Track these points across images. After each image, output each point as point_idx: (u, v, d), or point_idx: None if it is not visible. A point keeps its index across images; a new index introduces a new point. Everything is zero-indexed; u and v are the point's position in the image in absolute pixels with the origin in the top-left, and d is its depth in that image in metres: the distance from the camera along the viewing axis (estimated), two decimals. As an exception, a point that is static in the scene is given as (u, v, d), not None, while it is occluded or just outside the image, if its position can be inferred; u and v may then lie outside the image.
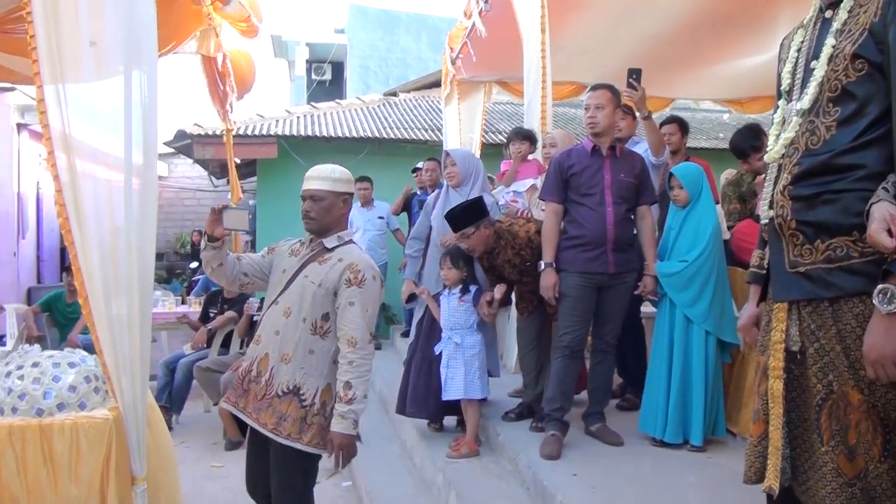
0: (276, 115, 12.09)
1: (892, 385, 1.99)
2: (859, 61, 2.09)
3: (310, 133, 10.96)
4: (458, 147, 8.08)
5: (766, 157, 2.34)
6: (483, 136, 9.29)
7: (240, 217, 3.27)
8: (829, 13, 2.24)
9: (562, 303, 4.45)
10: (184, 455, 4.90)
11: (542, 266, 4.47)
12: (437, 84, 11.14)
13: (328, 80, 20.32)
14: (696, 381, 4.28)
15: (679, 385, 4.30)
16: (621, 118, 4.99)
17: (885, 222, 1.87)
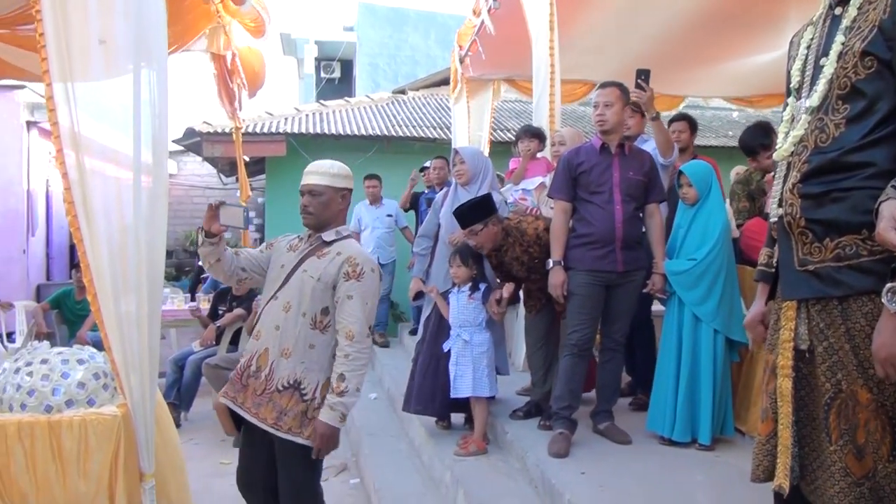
0: (285, 112, 12.11)
1: (901, 384, 1.99)
2: (869, 58, 2.08)
3: (318, 131, 10.96)
4: (467, 145, 8.07)
5: (776, 155, 2.33)
6: (492, 133, 9.29)
7: (235, 213, 3.29)
8: (838, 10, 2.23)
9: (570, 301, 4.44)
10: (192, 452, 4.92)
11: (551, 264, 4.46)
12: (445, 82, 11.16)
13: (337, 77, 20.32)
14: (704, 380, 4.27)
15: (687, 384, 4.29)
16: (630, 116, 4.97)
17: (893, 220, 1.86)
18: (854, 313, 2.08)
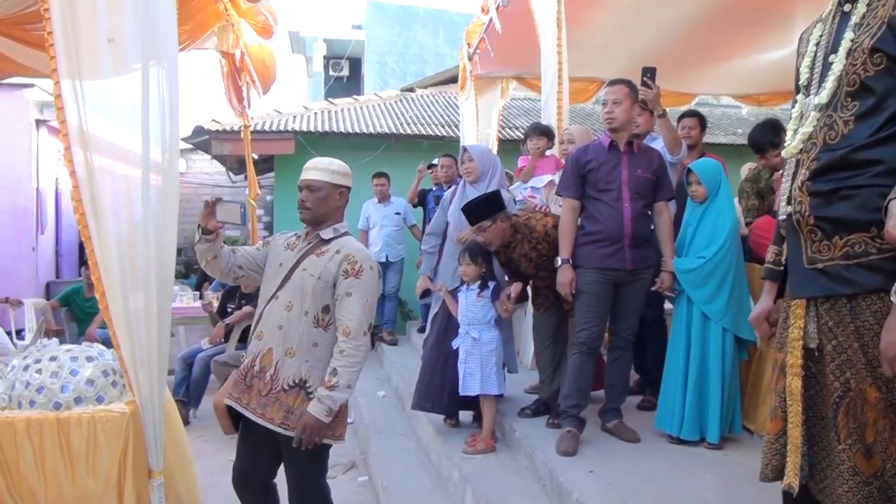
0: (293, 110, 12.11)
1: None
2: (878, 55, 2.07)
3: (327, 129, 10.96)
4: (475, 143, 8.06)
5: (784, 153, 2.32)
6: (500, 131, 9.27)
7: (232, 210, 3.29)
8: (847, 7, 2.22)
9: (578, 299, 4.43)
10: (201, 449, 4.93)
11: (559, 262, 4.45)
12: (454, 80, 11.13)
13: (345, 75, 20.35)
14: (712, 379, 4.26)
15: (696, 382, 4.27)
16: (639, 114, 4.95)
17: None
18: (863, 311, 2.07)
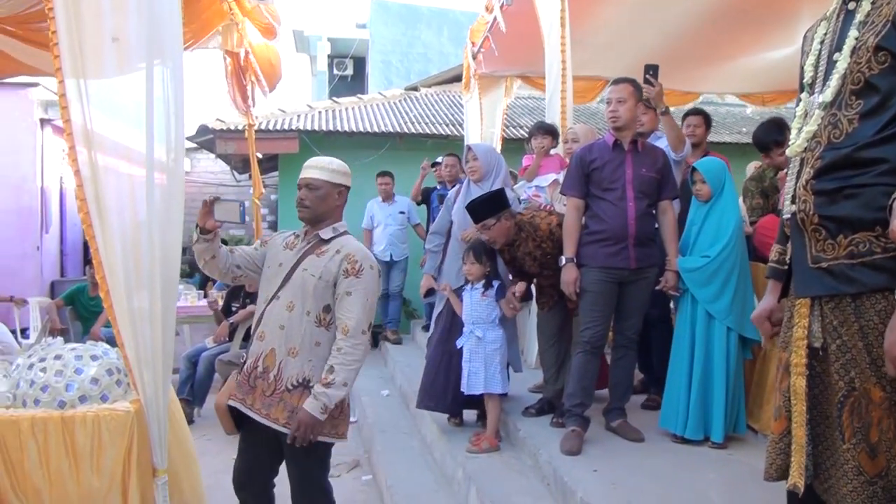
0: (297, 109, 12.12)
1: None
2: (882, 53, 2.06)
3: (331, 128, 10.98)
4: (480, 142, 8.06)
5: (789, 151, 2.32)
6: (504, 130, 9.26)
7: (231, 209, 3.27)
8: (852, 5, 2.21)
9: (583, 298, 4.43)
10: (205, 448, 4.94)
11: (563, 261, 4.45)
12: (458, 79, 11.13)
13: (350, 75, 20.33)
14: (717, 378, 4.25)
15: (700, 381, 4.27)
16: (643, 112, 4.94)
17: None
18: (867, 311, 2.07)
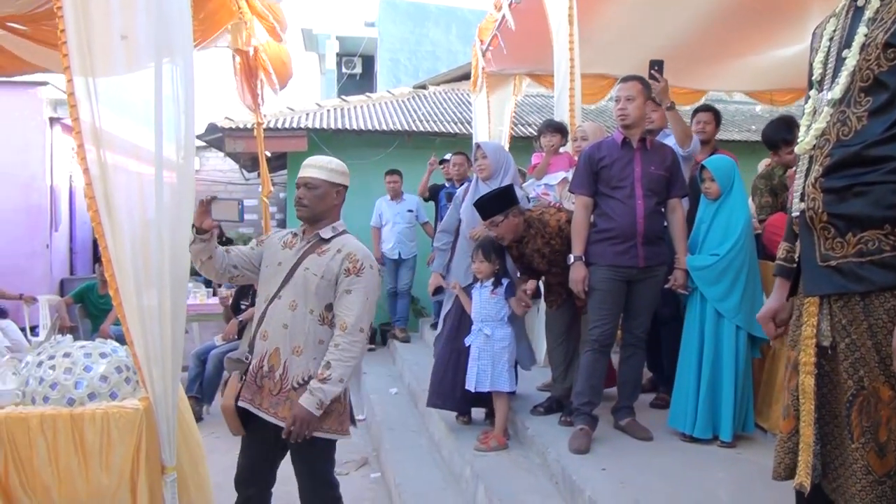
0: (306, 108, 12.13)
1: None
2: (891, 50, 2.05)
3: (340, 126, 10.99)
4: (488, 140, 8.05)
5: (797, 149, 2.31)
6: (512, 128, 9.25)
7: (229, 207, 3.27)
8: (861, 2, 2.20)
9: (591, 296, 4.43)
10: (213, 446, 4.94)
11: (572, 259, 4.44)
12: (466, 77, 11.12)
13: (358, 73, 20.35)
14: (726, 377, 4.24)
15: (709, 380, 4.26)
16: (653, 110, 4.93)
17: None
18: (876, 309, 2.05)
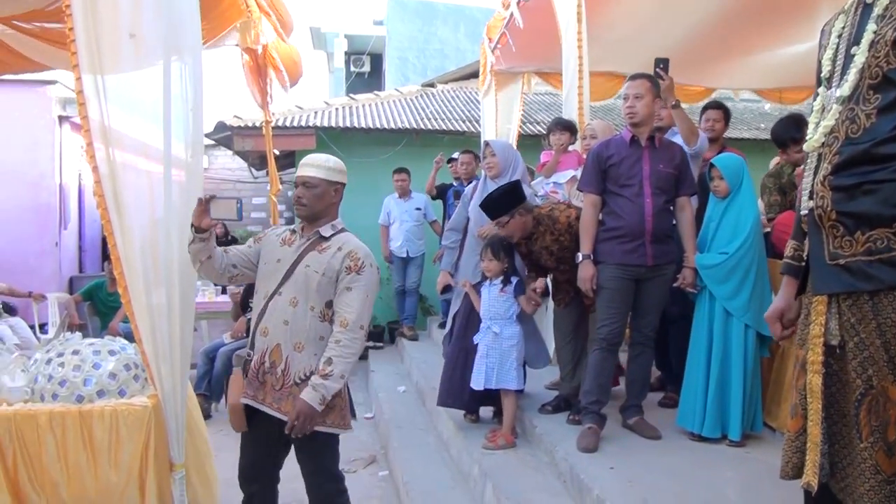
0: (314, 106, 12.12)
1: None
2: None
3: (348, 124, 10.98)
4: (496, 138, 8.04)
5: (806, 146, 2.29)
6: (521, 126, 9.23)
7: (227, 206, 3.27)
8: (870, -2, 2.19)
9: (599, 295, 4.42)
10: (222, 443, 4.94)
11: (580, 258, 4.44)
12: (475, 75, 11.11)
13: (367, 71, 20.38)
14: (734, 376, 4.23)
15: (718, 379, 4.25)
16: (662, 107, 4.91)
17: None
18: (885, 308, 2.04)
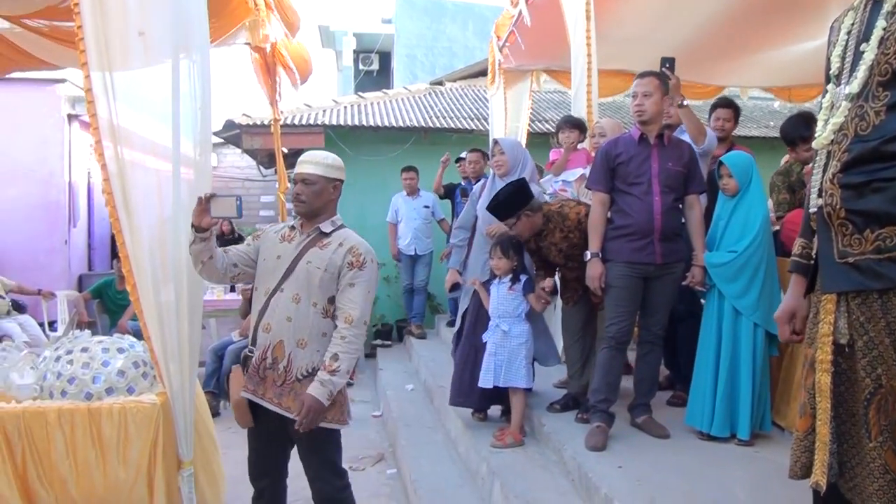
0: (323, 105, 12.13)
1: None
2: None
3: (356, 123, 10.99)
4: (506, 136, 8.03)
5: (815, 144, 2.28)
6: (529, 125, 9.22)
7: (228, 204, 3.27)
8: (880, -5, 2.18)
9: (608, 293, 4.41)
10: (231, 440, 4.95)
11: (589, 256, 4.43)
12: (483, 73, 11.10)
13: (375, 69, 20.39)
14: (743, 374, 4.22)
15: (727, 378, 4.23)
16: (670, 105, 4.90)
17: None
18: (894, 307, 2.03)
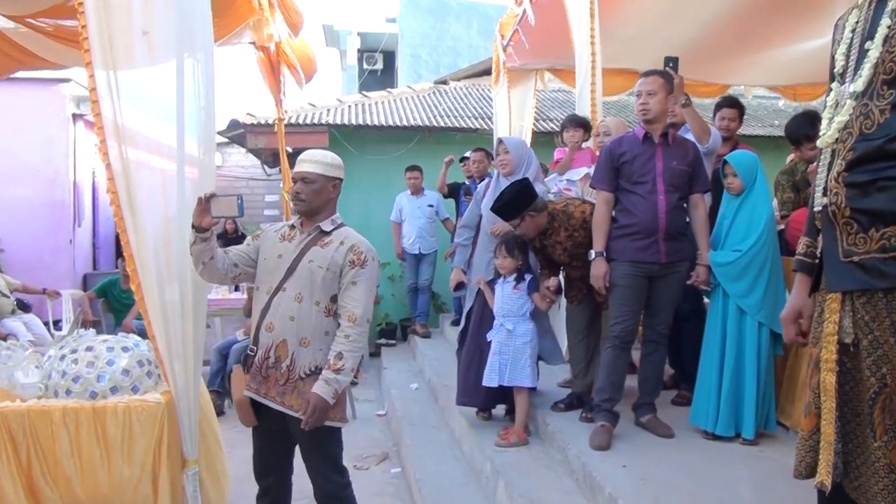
0: (327, 104, 12.13)
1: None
2: None
3: (361, 122, 10.98)
4: (510, 135, 8.02)
5: (819, 142, 2.27)
6: (534, 123, 9.22)
7: (229, 203, 3.26)
8: (884, -8, 2.17)
9: (612, 292, 4.41)
10: (235, 439, 4.96)
11: (593, 255, 4.43)
12: (487, 72, 11.10)
13: (379, 69, 20.39)
14: (748, 374, 4.21)
15: (731, 377, 4.23)
16: (675, 104, 4.89)
17: None
18: (899, 306, 2.03)
